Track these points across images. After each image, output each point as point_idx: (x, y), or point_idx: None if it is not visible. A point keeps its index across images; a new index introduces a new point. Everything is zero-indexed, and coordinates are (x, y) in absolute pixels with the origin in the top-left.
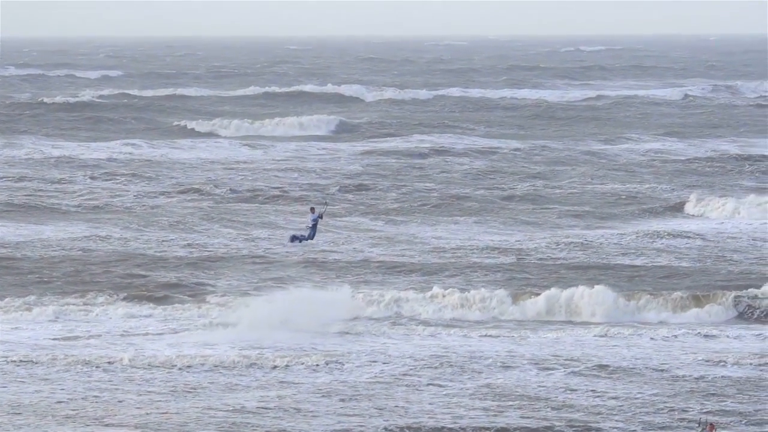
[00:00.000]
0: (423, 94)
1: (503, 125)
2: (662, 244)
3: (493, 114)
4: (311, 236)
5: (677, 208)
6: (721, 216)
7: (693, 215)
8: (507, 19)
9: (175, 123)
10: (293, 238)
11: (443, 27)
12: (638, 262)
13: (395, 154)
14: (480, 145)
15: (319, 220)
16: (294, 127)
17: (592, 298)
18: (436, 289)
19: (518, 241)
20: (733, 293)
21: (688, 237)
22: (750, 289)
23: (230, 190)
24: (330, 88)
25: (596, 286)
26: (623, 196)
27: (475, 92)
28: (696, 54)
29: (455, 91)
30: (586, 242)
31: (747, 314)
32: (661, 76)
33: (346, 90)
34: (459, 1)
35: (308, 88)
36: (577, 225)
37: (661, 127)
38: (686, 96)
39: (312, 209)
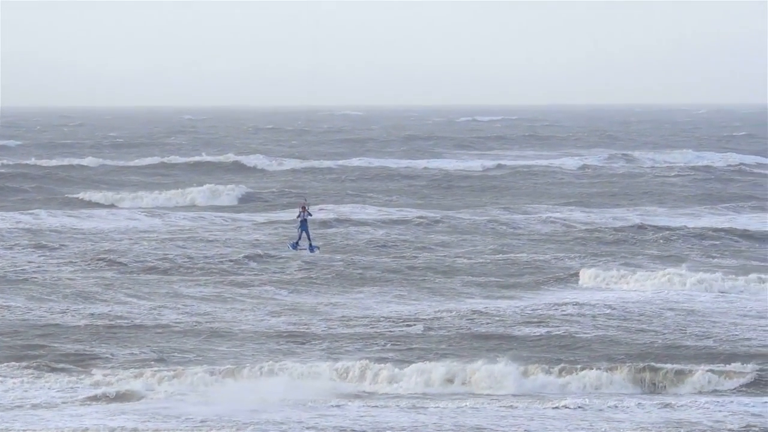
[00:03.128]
0: (324, 163)
1: (404, 194)
2: (565, 313)
3: (393, 183)
4: (306, 235)
5: (580, 278)
6: (624, 286)
7: (596, 285)
8: (399, 89)
9: (75, 193)
10: (294, 246)
11: (337, 97)
12: (541, 331)
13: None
14: (382, 215)
15: (309, 217)
16: (196, 197)
17: (495, 369)
18: (341, 361)
19: (422, 310)
20: (636, 363)
21: (592, 306)
22: (650, 362)
23: (133, 259)
24: (231, 157)
25: (498, 357)
26: (526, 266)
27: (375, 162)
28: (591, 123)
29: (355, 161)
30: (489, 312)
31: (649, 384)
32: (558, 146)
33: (248, 160)
34: (351, 70)
35: (209, 158)
36: (480, 294)
37: (561, 197)
38: (584, 166)
39: (303, 207)
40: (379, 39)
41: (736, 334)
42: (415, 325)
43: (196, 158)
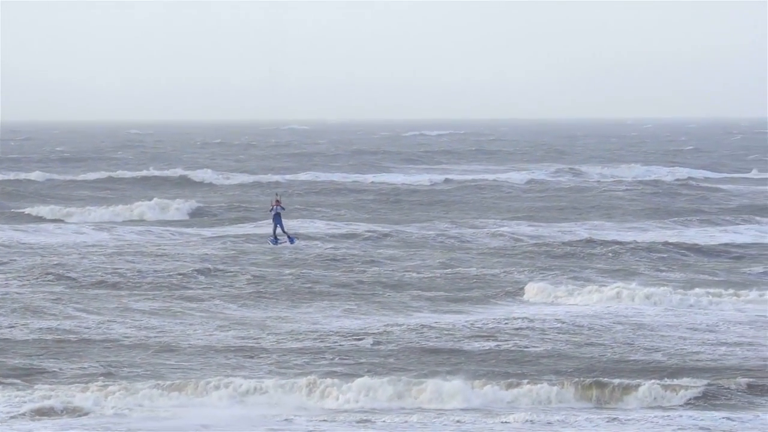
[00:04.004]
0: (272, 178)
1: (352, 209)
2: (514, 327)
3: (341, 198)
4: (281, 228)
5: (528, 292)
6: (573, 299)
7: (545, 299)
8: (345, 103)
9: (22, 208)
10: (275, 241)
11: (284, 111)
12: (490, 345)
13: (247, 237)
14: (330, 229)
15: (282, 210)
16: (144, 212)
17: (444, 384)
18: (289, 376)
19: (371, 324)
20: (585, 377)
21: (541, 320)
22: (598, 376)
23: (82, 274)
24: (178, 172)
25: (448, 372)
26: (475, 280)
27: (322, 176)
28: (537, 137)
29: (303, 176)
30: (438, 326)
31: (597, 398)
32: (505, 160)
33: (196, 174)
34: (297, 84)
35: (156, 172)
36: (429, 308)
37: (509, 211)
38: (530, 180)
39: (277, 201)
40: (325, 52)
41: (685, 348)
42: (364, 339)
43: (144, 173)
